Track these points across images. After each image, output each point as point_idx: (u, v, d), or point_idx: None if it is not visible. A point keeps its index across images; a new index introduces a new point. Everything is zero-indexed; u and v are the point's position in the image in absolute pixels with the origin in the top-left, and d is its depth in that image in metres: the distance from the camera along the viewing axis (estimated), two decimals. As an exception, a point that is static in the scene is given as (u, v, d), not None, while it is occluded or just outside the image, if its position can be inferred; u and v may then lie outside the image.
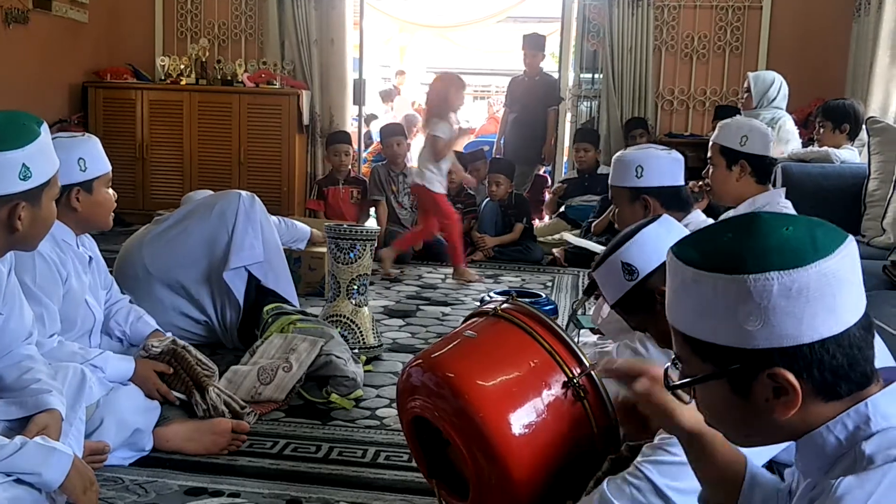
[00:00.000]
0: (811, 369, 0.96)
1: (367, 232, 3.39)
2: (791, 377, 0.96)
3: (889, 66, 5.45)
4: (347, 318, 3.32)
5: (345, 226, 3.48)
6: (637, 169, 2.50)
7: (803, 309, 0.94)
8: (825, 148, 4.41)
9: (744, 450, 1.25)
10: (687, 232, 1.73)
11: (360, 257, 3.33)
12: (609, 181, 2.65)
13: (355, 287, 3.34)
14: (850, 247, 0.99)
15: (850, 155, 4.40)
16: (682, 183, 2.57)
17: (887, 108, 5.35)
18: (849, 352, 0.97)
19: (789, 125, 4.96)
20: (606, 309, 2.68)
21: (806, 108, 5.92)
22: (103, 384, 2.23)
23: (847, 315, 0.97)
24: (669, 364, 1.09)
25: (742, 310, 0.95)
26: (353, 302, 3.35)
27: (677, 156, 2.58)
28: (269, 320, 3.12)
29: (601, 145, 6.42)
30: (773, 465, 1.61)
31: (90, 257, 2.56)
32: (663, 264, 1.61)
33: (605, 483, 1.54)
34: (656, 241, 1.71)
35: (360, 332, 3.33)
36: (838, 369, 0.97)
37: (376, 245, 3.48)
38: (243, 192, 3.45)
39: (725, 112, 5.19)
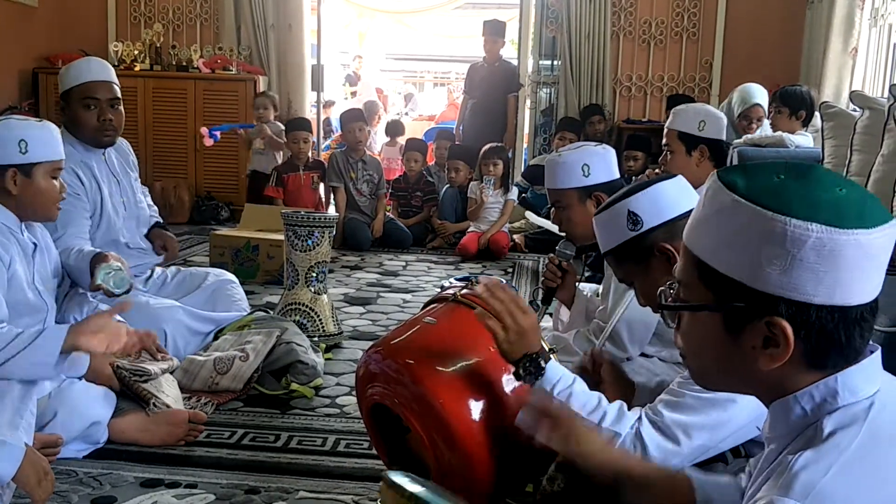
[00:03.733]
0: (810, 331, 0.94)
1: (325, 219, 3.36)
2: (789, 331, 0.94)
3: (842, 53, 5.54)
4: (306, 306, 3.29)
5: (302, 212, 3.44)
6: (584, 168, 2.45)
7: (827, 270, 0.91)
8: (780, 133, 4.46)
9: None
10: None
11: (318, 244, 3.30)
12: (548, 185, 2.57)
13: (314, 275, 3.31)
14: (892, 229, 0.95)
15: (803, 140, 4.46)
16: (619, 175, 2.58)
17: (840, 94, 5.43)
18: (850, 328, 0.94)
19: (755, 89, 4.98)
20: (565, 313, 2.68)
21: (761, 94, 5.98)
22: (56, 378, 2.18)
23: (864, 291, 0.94)
24: (664, 287, 1.07)
25: (768, 250, 0.92)
26: (312, 290, 3.32)
27: (611, 149, 2.57)
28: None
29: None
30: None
31: (35, 245, 2.45)
32: (669, 221, 1.65)
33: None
34: (668, 198, 1.69)
35: (320, 319, 3.30)
36: (835, 341, 0.95)
37: (334, 232, 3.44)
38: None
39: (677, 101, 5.22)
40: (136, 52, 6.52)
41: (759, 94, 4.80)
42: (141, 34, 6.68)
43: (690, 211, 1.65)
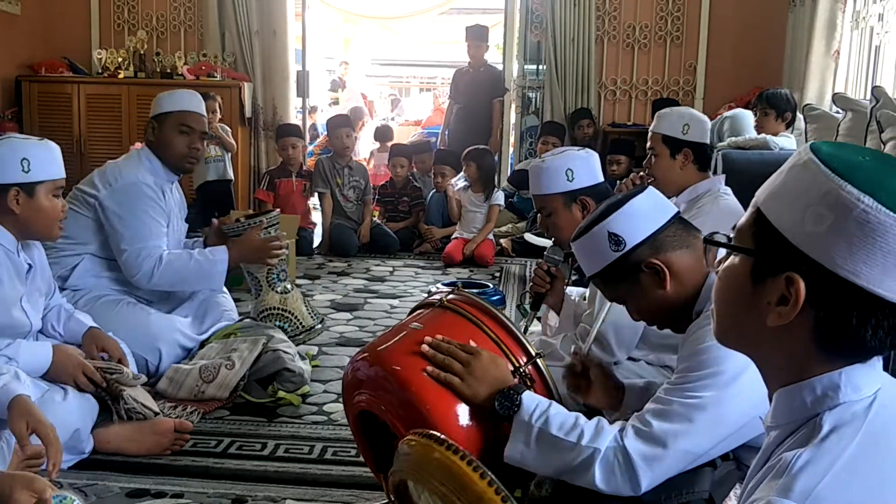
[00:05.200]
0: (824, 301, 0.93)
1: (264, 219, 3.27)
2: (802, 290, 0.92)
3: (824, 55, 5.57)
4: (278, 309, 3.23)
5: (241, 220, 3.32)
6: (567, 173, 2.45)
7: (862, 247, 0.90)
8: (763, 135, 4.49)
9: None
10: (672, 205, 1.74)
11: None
12: (533, 192, 2.57)
13: (274, 275, 3.24)
14: None
15: (787, 142, 4.49)
16: (603, 179, 2.57)
17: (823, 96, 5.47)
18: (866, 316, 0.92)
19: (749, 119, 5.01)
20: (554, 318, 2.68)
21: (745, 97, 6.02)
22: (38, 386, 2.16)
23: (894, 288, 0.91)
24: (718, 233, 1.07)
25: (816, 209, 0.92)
26: (278, 290, 3.25)
27: (594, 153, 2.58)
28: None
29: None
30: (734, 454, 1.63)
31: (29, 266, 2.43)
32: (651, 236, 1.63)
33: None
34: (645, 212, 1.67)
35: (295, 317, 3.24)
36: (845, 322, 0.93)
37: (279, 225, 3.32)
38: None
39: (662, 105, 5.25)
40: (119, 60, 6.49)
41: (751, 127, 4.77)
42: (125, 41, 6.66)
43: (671, 222, 1.67)
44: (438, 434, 1.43)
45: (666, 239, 1.65)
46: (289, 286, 3.31)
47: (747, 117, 4.88)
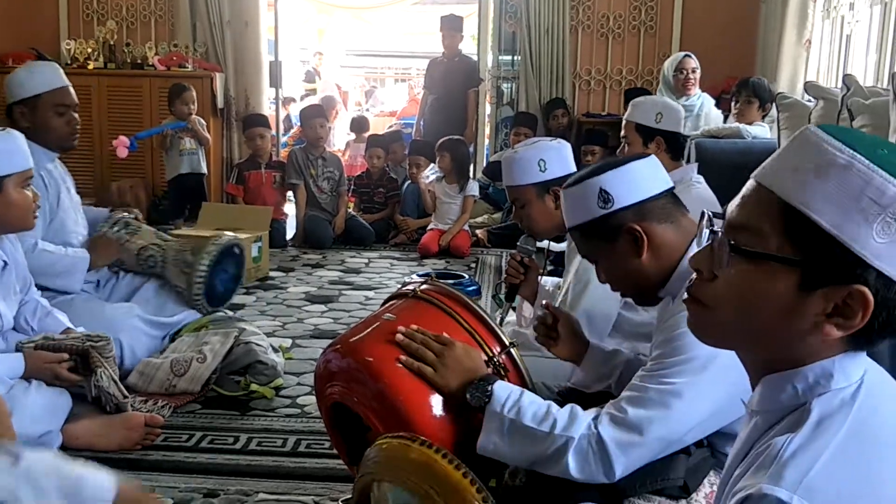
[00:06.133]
0: (882, 310, 0.89)
1: (109, 220, 3.18)
2: (871, 303, 0.88)
3: (796, 44, 5.61)
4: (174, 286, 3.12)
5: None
6: (540, 163, 2.44)
7: None
8: (736, 124, 4.52)
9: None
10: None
11: (126, 241, 3.14)
12: (506, 183, 2.56)
13: (144, 263, 3.14)
14: None
15: (761, 131, 4.51)
16: (576, 169, 2.57)
17: (795, 85, 5.50)
18: None
19: (714, 108, 5.08)
20: (529, 309, 2.68)
21: (718, 86, 6.04)
22: (2, 381, 2.12)
23: None
24: (707, 231, 1.01)
25: (886, 217, 0.86)
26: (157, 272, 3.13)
27: (566, 143, 2.56)
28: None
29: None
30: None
31: (4, 263, 2.40)
32: (640, 202, 1.63)
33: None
34: (641, 178, 1.66)
35: (189, 286, 3.09)
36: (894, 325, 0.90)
37: (124, 223, 3.20)
38: None
39: (634, 95, 5.26)
40: (89, 50, 6.40)
41: (684, 53, 5.23)
42: (94, 31, 6.56)
43: (663, 193, 1.67)
44: (411, 434, 1.45)
45: (654, 208, 1.65)
46: (160, 263, 3.14)
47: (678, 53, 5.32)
